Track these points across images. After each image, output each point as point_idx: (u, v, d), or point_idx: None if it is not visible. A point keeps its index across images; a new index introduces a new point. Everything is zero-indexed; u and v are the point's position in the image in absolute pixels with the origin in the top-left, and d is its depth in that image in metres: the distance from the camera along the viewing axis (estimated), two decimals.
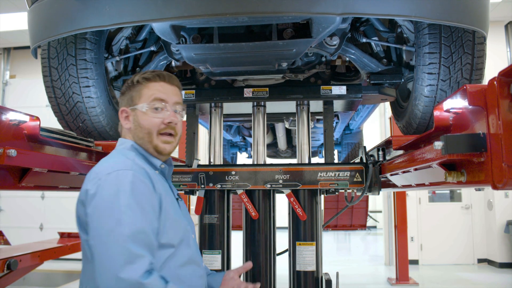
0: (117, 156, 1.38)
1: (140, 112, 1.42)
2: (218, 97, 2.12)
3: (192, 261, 1.39)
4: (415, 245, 8.05)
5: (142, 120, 1.42)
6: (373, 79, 2.08)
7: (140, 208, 1.23)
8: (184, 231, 1.40)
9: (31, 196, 8.20)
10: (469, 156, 1.06)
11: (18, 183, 1.41)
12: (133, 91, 1.45)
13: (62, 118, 2.05)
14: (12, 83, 9.10)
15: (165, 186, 1.44)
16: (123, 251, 1.15)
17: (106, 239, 1.18)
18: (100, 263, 1.18)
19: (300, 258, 1.92)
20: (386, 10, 1.45)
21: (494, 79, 0.99)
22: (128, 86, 1.47)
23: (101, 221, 1.20)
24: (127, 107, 1.45)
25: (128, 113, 1.44)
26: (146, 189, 1.28)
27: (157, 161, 1.44)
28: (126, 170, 1.27)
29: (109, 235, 1.18)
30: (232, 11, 1.39)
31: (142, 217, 1.22)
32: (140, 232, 1.20)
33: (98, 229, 1.20)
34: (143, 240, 1.20)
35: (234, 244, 2.07)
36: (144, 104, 1.42)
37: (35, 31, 1.78)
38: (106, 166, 1.30)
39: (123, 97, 1.48)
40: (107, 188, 1.23)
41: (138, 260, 1.16)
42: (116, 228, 1.18)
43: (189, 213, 1.58)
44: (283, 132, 3.84)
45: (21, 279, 3.12)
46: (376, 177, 1.87)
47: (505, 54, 8.11)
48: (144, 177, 1.30)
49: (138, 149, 1.42)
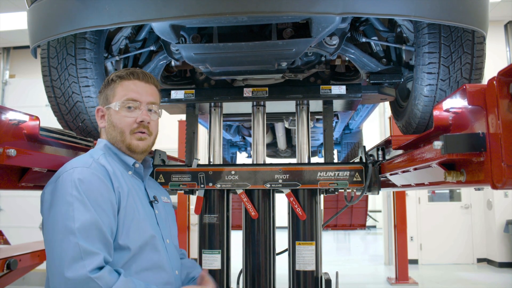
0: (84, 155, 1.38)
1: (113, 111, 1.41)
2: (217, 96, 2.12)
3: (157, 266, 1.33)
4: (415, 244, 8.06)
5: (115, 119, 1.40)
6: (372, 79, 2.08)
7: (94, 204, 1.20)
8: (148, 235, 1.34)
9: (30, 196, 8.18)
10: (469, 156, 1.06)
11: (18, 183, 1.41)
12: (108, 89, 1.44)
13: (61, 118, 2.05)
14: (12, 82, 9.09)
15: (137, 187, 1.41)
16: (72, 247, 1.12)
17: (55, 236, 1.15)
18: (49, 262, 1.15)
19: (300, 257, 1.92)
20: (386, 9, 1.45)
21: (493, 79, 0.99)
22: (104, 84, 1.46)
23: (53, 218, 1.19)
24: (103, 106, 1.44)
25: (103, 112, 1.44)
26: (102, 185, 1.25)
27: (130, 160, 1.42)
28: (82, 167, 1.26)
29: (59, 231, 1.15)
30: (232, 10, 1.39)
31: (96, 212, 1.19)
32: (92, 227, 1.17)
33: (49, 226, 1.18)
34: (96, 236, 1.17)
35: (233, 243, 2.07)
36: (117, 102, 1.40)
37: (34, 31, 1.78)
38: (67, 165, 1.29)
39: (100, 96, 1.47)
40: (62, 185, 1.22)
41: (88, 256, 1.12)
42: (66, 223, 1.15)
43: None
44: (282, 131, 3.84)
45: (21, 278, 3.13)
46: (375, 177, 1.87)
47: (504, 54, 8.11)
48: (102, 175, 1.28)
49: (111, 148, 1.41)
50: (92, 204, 1.20)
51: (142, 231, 1.32)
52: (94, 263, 1.12)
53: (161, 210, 1.48)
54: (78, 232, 1.14)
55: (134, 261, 1.27)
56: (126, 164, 1.41)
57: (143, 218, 1.35)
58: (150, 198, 1.46)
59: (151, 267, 1.31)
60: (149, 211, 1.41)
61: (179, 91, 2.13)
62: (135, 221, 1.31)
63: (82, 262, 1.11)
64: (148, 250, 1.32)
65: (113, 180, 1.30)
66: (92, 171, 1.26)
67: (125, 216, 1.29)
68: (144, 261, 1.30)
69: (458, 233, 8.11)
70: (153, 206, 1.45)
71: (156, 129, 1.47)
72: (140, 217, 1.33)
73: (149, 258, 1.31)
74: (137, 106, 1.41)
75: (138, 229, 1.31)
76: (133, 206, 1.33)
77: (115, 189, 1.28)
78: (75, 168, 1.25)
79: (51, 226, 1.18)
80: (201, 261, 1.96)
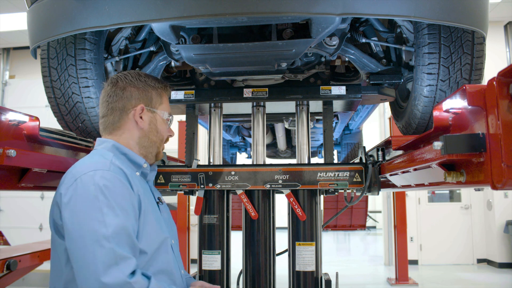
0: (94, 156, 1.33)
1: (160, 118, 1.42)
2: (217, 97, 2.12)
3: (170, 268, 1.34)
4: (415, 245, 8.06)
5: (160, 127, 1.42)
6: (372, 79, 2.08)
7: (120, 208, 1.18)
8: (163, 237, 1.34)
9: (30, 197, 8.19)
10: (469, 156, 1.07)
11: (18, 184, 1.41)
12: (154, 92, 1.42)
13: (61, 119, 2.05)
14: (12, 83, 9.10)
15: (145, 189, 1.39)
16: (107, 253, 1.10)
17: (87, 242, 1.12)
18: (82, 267, 1.12)
19: (300, 258, 1.92)
20: (386, 10, 1.45)
21: (493, 79, 0.99)
22: (146, 82, 1.42)
23: (81, 223, 1.14)
24: (146, 105, 1.40)
25: (144, 112, 1.40)
26: (124, 189, 1.23)
27: (140, 159, 1.39)
28: (103, 170, 1.22)
29: (91, 237, 1.12)
30: (231, 11, 1.39)
31: (123, 217, 1.17)
32: (123, 233, 1.15)
33: (78, 232, 1.14)
34: (126, 240, 1.16)
35: (233, 244, 2.07)
36: (166, 112, 1.44)
37: (34, 31, 1.77)
38: (83, 166, 1.25)
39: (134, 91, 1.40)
40: (84, 189, 1.17)
41: (123, 261, 1.11)
42: (99, 229, 1.12)
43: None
44: (282, 132, 3.84)
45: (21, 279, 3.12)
46: (375, 177, 1.87)
47: (504, 54, 8.12)
48: (122, 177, 1.25)
49: (120, 148, 1.36)
50: (119, 208, 1.18)
51: (157, 234, 1.32)
52: (130, 268, 1.12)
53: (164, 211, 1.49)
54: (112, 237, 1.12)
55: (151, 264, 1.26)
56: (136, 164, 1.38)
57: (155, 220, 1.34)
58: (156, 199, 1.46)
59: (165, 269, 1.32)
60: (158, 212, 1.41)
61: (179, 92, 2.13)
62: (151, 224, 1.30)
63: (118, 267, 1.10)
64: (162, 253, 1.32)
65: (132, 183, 1.27)
66: (114, 174, 1.23)
67: (144, 219, 1.28)
68: (159, 263, 1.30)
69: (458, 234, 8.11)
70: (159, 207, 1.45)
71: None
72: (154, 220, 1.33)
73: (163, 260, 1.32)
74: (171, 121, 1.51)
75: (154, 231, 1.31)
76: (148, 209, 1.32)
77: (134, 192, 1.27)
78: (96, 171, 1.21)
79: (79, 233, 1.14)
80: (201, 261, 1.96)
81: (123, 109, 1.38)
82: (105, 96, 1.41)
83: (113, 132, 1.40)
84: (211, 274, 1.94)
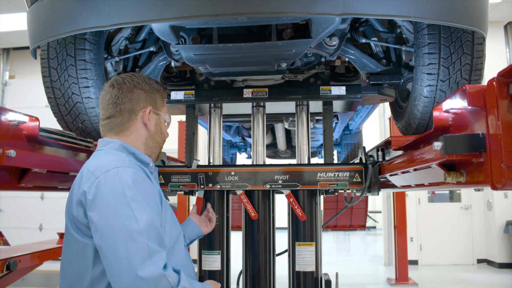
0: (109, 155, 1.33)
1: (163, 120, 1.48)
2: (217, 97, 2.12)
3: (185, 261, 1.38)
4: (415, 245, 8.06)
5: (164, 129, 1.49)
6: (372, 80, 2.08)
7: (147, 203, 1.21)
8: (178, 231, 1.40)
9: (30, 197, 8.19)
10: (469, 157, 1.07)
11: (18, 184, 1.41)
12: (159, 95, 1.46)
13: (61, 119, 2.05)
14: (12, 83, 9.10)
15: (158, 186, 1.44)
16: (141, 247, 1.12)
17: (118, 237, 1.13)
18: (115, 263, 1.13)
19: (300, 258, 1.92)
20: (385, 10, 1.45)
21: (493, 80, 0.99)
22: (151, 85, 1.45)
23: (111, 220, 1.15)
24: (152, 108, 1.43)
25: (151, 115, 1.43)
26: (147, 184, 1.26)
27: (148, 159, 1.43)
28: (125, 167, 1.24)
29: (123, 232, 1.13)
30: (231, 11, 1.39)
31: (150, 211, 1.20)
32: (152, 227, 1.18)
33: (109, 228, 1.15)
34: (155, 235, 1.18)
35: (233, 244, 2.07)
36: (167, 115, 1.50)
37: (34, 32, 1.78)
38: (103, 164, 1.25)
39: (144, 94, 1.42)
40: (109, 185, 1.19)
41: (156, 255, 1.14)
42: (130, 225, 1.14)
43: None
44: (282, 132, 3.84)
45: (21, 279, 3.12)
46: (375, 178, 1.87)
47: (504, 55, 8.12)
48: (143, 173, 1.29)
49: (128, 147, 1.38)
50: (147, 203, 1.21)
51: (174, 228, 1.38)
52: (162, 261, 1.15)
53: (169, 208, 1.51)
54: (144, 231, 1.15)
55: (170, 258, 1.28)
56: (143, 163, 1.41)
57: (170, 215, 1.39)
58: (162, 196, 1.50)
59: (182, 263, 1.36)
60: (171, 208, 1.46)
61: (178, 92, 2.13)
62: (169, 219, 1.36)
63: (152, 261, 1.12)
64: (178, 246, 1.37)
65: (151, 179, 1.34)
66: (136, 170, 1.26)
67: (164, 214, 1.33)
68: (177, 257, 1.34)
69: (458, 234, 8.11)
70: None
71: None
72: (170, 215, 1.38)
73: (180, 253, 1.37)
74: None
75: (173, 225, 1.37)
76: (165, 204, 1.37)
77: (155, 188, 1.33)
78: (118, 168, 1.22)
79: (109, 229, 1.15)
80: (201, 261, 1.97)
81: (132, 111, 1.40)
82: (112, 97, 1.40)
83: (120, 133, 1.40)
84: (211, 274, 1.94)
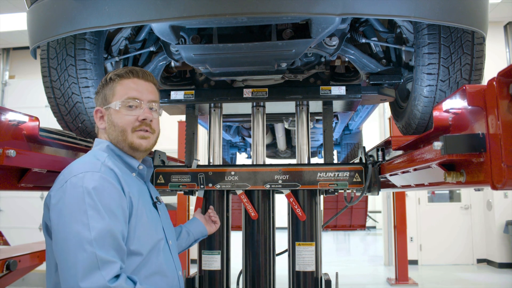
0: (88, 157, 1.32)
1: (113, 110, 1.37)
2: (217, 97, 2.12)
3: (164, 269, 1.32)
4: (415, 245, 8.06)
5: (116, 119, 1.37)
6: (372, 80, 2.08)
7: (108, 210, 1.16)
8: (157, 238, 1.33)
9: (30, 197, 8.18)
10: (469, 157, 1.06)
11: (17, 184, 1.41)
12: (107, 89, 1.40)
13: (61, 119, 2.05)
14: (12, 83, 9.09)
15: (142, 189, 1.39)
16: (88, 257, 1.09)
17: (69, 245, 1.11)
18: (63, 271, 1.11)
19: (300, 258, 1.92)
20: (385, 10, 1.45)
21: (493, 80, 0.99)
22: (102, 84, 1.42)
23: (66, 226, 1.13)
24: (101, 106, 1.41)
25: (102, 112, 1.40)
26: (114, 191, 1.21)
27: (134, 162, 1.39)
28: (93, 172, 1.21)
29: (73, 240, 1.10)
30: (231, 11, 1.39)
31: (110, 220, 1.15)
32: (108, 236, 1.13)
33: (62, 234, 1.13)
34: (111, 244, 1.14)
35: (233, 244, 2.07)
36: (118, 102, 1.37)
37: (34, 32, 1.77)
38: (74, 168, 1.24)
39: (97, 97, 1.43)
40: (71, 191, 1.16)
41: (106, 266, 1.09)
42: (82, 232, 1.10)
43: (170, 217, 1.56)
44: (282, 132, 3.84)
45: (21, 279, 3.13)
46: (375, 178, 1.87)
47: (504, 55, 8.12)
48: (113, 179, 1.24)
49: (114, 149, 1.37)
50: (106, 211, 1.16)
51: (151, 235, 1.31)
52: (112, 272, 1.10)
53: (163, 211, 1.48)
54: (95, 241, 1.10)
55: (144, 266, 1.25)
56: (130, 166, 1.39)
57: (151, 221, 1.33)
58: (153, 199, 1.45)
59: (159, 270, 1.30)
60: (154, 213, 1.40)
61: (178, 92, 2.13)
62: (145, 225, 1.29)
63: (100, 272, 1.08)
64: (156, 254, 1.30)
65: (123, 185, 1.26)
66: (103, 175, 1.22)
67: (136, 221, 1.26)
68: (153, 265, 1.28)
69: (458, 234, 8.11)
70: (157, 207, 1.44)
71: (158, 127, 1.45)
72: (149, 221, 1.32)
73: (157, 261, 1.30)
74: (138, 105, 1.38)
75: (148, 233, 1.30)
76: (142, 210, 1.31)
77: (125, 194, 1.25)
78: (85, 173, 1.20)
79: (63, 235, 1.13)
80: (201, 261, 1.97)
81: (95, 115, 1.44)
82: None
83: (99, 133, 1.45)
84: (211, 274, 1.94)
